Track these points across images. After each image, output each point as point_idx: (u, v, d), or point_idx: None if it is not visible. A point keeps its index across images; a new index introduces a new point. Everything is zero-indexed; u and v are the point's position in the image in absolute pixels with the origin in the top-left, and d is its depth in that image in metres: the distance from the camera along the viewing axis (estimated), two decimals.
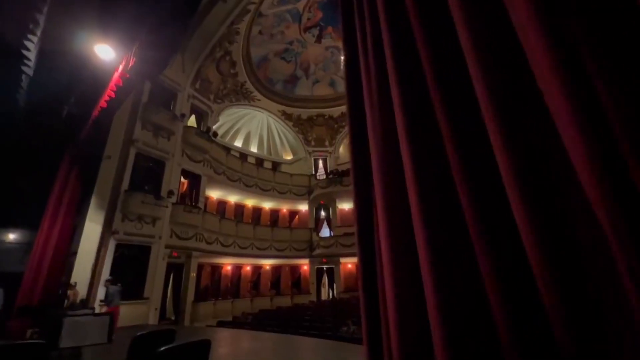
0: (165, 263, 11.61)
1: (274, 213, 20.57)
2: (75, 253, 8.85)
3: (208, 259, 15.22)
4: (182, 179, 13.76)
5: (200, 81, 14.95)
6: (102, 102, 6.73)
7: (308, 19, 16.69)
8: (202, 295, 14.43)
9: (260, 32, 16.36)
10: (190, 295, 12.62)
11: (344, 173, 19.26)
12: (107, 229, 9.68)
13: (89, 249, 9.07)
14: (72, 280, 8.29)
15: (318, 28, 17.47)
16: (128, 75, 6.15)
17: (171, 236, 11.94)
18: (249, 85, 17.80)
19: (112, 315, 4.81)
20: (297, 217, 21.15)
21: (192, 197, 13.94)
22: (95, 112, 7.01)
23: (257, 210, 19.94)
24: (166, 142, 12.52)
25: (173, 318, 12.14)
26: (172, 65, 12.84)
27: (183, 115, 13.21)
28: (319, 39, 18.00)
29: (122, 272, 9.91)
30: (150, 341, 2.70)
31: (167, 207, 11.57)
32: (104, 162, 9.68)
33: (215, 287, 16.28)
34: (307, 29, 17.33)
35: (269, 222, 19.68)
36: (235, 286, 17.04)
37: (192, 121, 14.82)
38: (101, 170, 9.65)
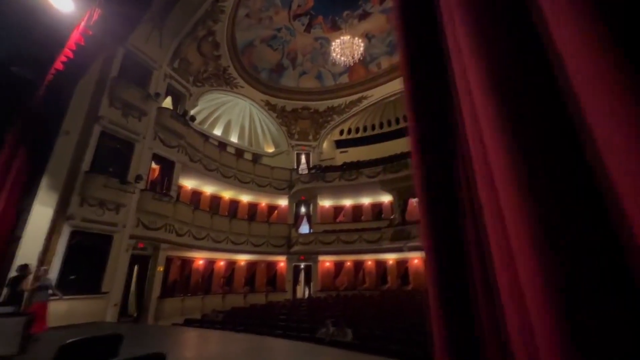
0: (129, 255, 10.56)
1: (252, 207, 19.70)
2: (19, 238, 7.70)
3: (178, 252, 14.19)
4: (154, 165, 12.67)
5: (179, 61, 13.86)
6: (58, 64, 5.75)
7: (299, 6, 16.00)
8: (169, 290, 13.40)
9: (247, 15, 15.48)
10: (156, 290, 11.62)
11: (327, 169, 18.77)
12: (61, 214, 8.55)
13: (36, 234, 7.93)
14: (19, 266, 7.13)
15: (308, 17, 16.83)
16: (91, 33, 5.25)
17: (137, 225, 10.88)
18: (232, 70, 16.84)
19: (31, 317, 3.68)
20: (276, 212, 20.39)
21: (163, 184, 12.88)
22: (50, 76, 6.01)
23: (235, 203, 19.00)
24: (137, 123, 11.41)
25: (135, 315, 11.10)
26: (148, 39, 11.78)
27: (158, 95, 12.13)
28: (308, 28, 17.35)
29: (77, 262, 8.84)
30: (84, 352, 2.00)
31: (133, 193, 10.51)
32: (61, 137, 8.53)
33: (185, 282, 15.24)
34: (296, 17, 16.63)
35: (246, 216, 18.80)
36: (206, 282, 16.06)
37: (167, 103, 13.70)
38: (57, 146, 8.50)
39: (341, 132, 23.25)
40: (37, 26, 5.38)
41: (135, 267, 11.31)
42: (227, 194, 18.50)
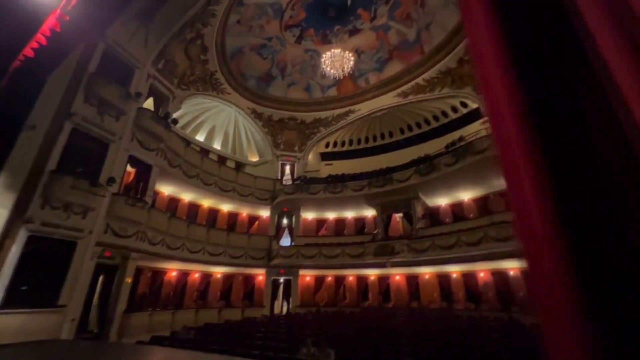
0: (94, 263, 9.67)
1: (233, 216, 18.98)
2: None
3: (149, 262, 13.26)
4: (129, 168, 11.92)
5: (165, 62, 13.39)
6: (28, 50, 5.23)
7: (290, 17, 16.05)
8: (137, 304, 12.39)
9: (238, 22, 15.32)
10: (122, 303, 10.67)
11: (312, 180, 18.50)
12: (18, 216, 7.70)
13: None
14: None
15: (300, 29, 16.91)
16: (68, 18, 4.82)
17: (106, 232, 10.05)
18: (219, 75, 16.49)
19: None
20: (257, 222, 19.75)
21: (138, 189, 12.11)
22: (17, 62, 5.45)
23: (214, 212, 18.23)
24: (113, 122, 10.74)
25: (96, 331, 10.09)
26: (132, 37, 11.30)
27: (139, 95, 11.54)
28: (299, 39, 17.41)
29: (32, 271, 7.94)
30: None
31: (104, 196, 9.74)
32: (26, 132, 7.79)
33: (155, 295, 14.20)
34: (288, 27, 16.67)
35: (225, 226, 18.05)
36: (179, 295, 15.06)
37: (149, 104, 13.10)
38: (20, 141, 7.74)
39: (327, 145, 23.18)
40: (8, 6, 4.88)
41: (100, 278, 10.38)
42: (206, 202, 17.75)
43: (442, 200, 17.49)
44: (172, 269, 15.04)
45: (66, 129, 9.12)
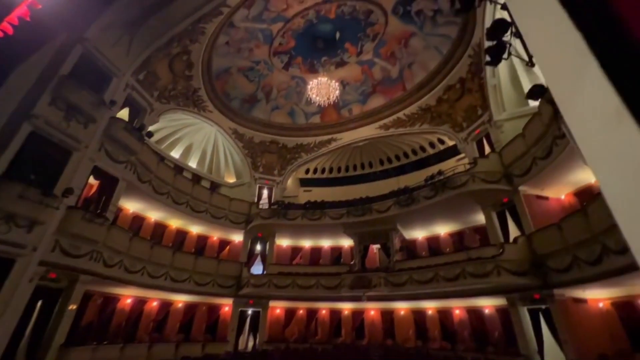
0: (33, 286, 8.36)
1: (202, 240, 17.77)
2: None
3: (101, 286, 11.79)
4: (92, 179, 10.92)
5: (147, 73, 12.92)
6: None
7: (280, 44, 16.37)
8: (80, 336, 10.73)
9: (227, 43, 15.36)
10: (62, 335, 9.19)
11: (290, 206, 17.96)
12: None
13: None
14: None
15: (288, 56, 17.23)
16: (40, 6, 4.37)
17: (53, 250, 8.85)
18: (202, 93, 16.15)
19: None
20: (228, 247, 18.61)
21: (99, 203, 11.02)
22: None
23: (182, 234, 16.98)
24: (81, 129, 9.91)
25: None
26: (115, 45, 10.85)
27: (113, 103, 10.87)
28: (287, 66, 17.69)
29: None
30: None
31: (57, 209, 8.68)
32: None
33: (104, 325, 12.51)
34: (276, 54, 16.94)
35: (193, 249, 16.78)
36: (131, 326, 13.38)
37: (123, 114, 12.37)
38: None
39: (307, 171, 23.01)
40: None
41: (39, 304, 8.95)
42: (175, 223, 16.55)
43: (419, 234, 17.49)
44: (127, 296, 13.47)
45: (23, 131, 8.23)
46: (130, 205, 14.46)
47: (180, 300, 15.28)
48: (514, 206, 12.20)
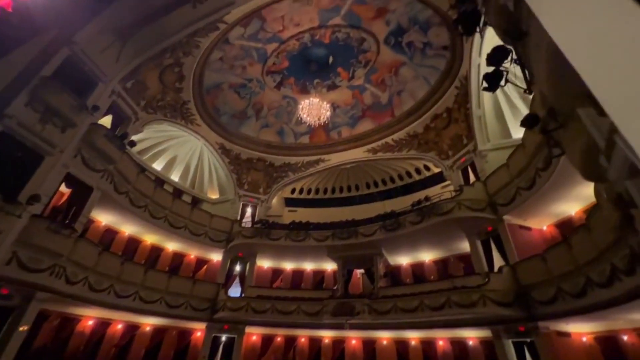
0: None
1: (178, 257, 16.80)
2: None
3: (61, 306, 10.72)
4: (64, 187, 10.20)
5: (135, 82, 12.62)
6: None
7: (273, 64, 16.58)
8: None
9: (221, 59, 15.39)
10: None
11: (274, 225, 17.44)
12: None
13: None
14: None
15: (281, 76, 17.44)
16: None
17: (9, 262, 7.98)
18: (191, 106, 15.90)
19: None
20: (205, 267, 17.66)
21: (69, 213, 10.23)
22: None
23: (157, 250, 16.01)
24: (57, 133, 9.35)
25: None
26: (104, 50, 10.58)
27: (96, 109, 10.40)
28: (279, 85, 17.85)
29: None
30: None
31: (19, 217, 7.93)
32: None
33: (58, 350, 11.26)
34: (269, 73, 17.11)
35: (167, 268, 15.78)
36: (90, 352, 12.13)
37: (106, 121, 11.87)
38: None
39: (293, 191, 22.70)
40: None
41: None
42: (150, 238, 15.63)
43: (403, 259, 17.27)
44: (89, 317, 12.32)
45: None
46: (103, 218, 13.58)
47: (149, 323, 14.12)
48: (498, 235, 12.29)
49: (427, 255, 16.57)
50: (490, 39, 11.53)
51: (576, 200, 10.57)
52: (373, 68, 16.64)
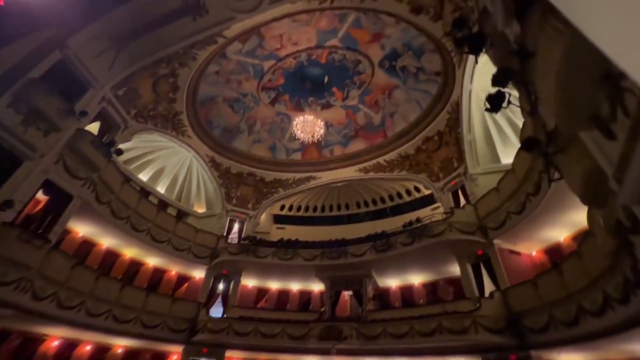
0: None
1: (158, 273, 15.95)
2: None
3: (24, 324, 9.81)
4: (41, 194, 9.62)
5: (128, 89, 12.38)
6: None
7: (269, 80, 16.70)
8: None
9: (217, 72, 15.40)
10: None
11: (262, 242, 16.93)
12: None
13: None
14: None
15: (276, 92, 17.54)
16: None
17: None
18: (184, 117, 15.67)
19: None
20: (186, 284, 16.80)
21: (43, 222, 9.60)
22: None
23: (136, 265, 15.16)
24: (40, 137, 8.92)
25: None
26: (98, 56, 10.40)
27: (84, 114, 10.06)
28: (273, 101, 17.92)
29: None
30: None
31: None
32: None
33: None
34: (265, 89, 17.19)
35: (146, 284, 14.90)
36: None
37: (93, 128, 11.48)
38: None
39: (282, 207, 22.33)
40: None
41: None
42: (129, 252, 14.83)
43: (392, 282, 16.93)
44: (55, 337, 11.33)
45: None
46: (81, 228, 12.84)
47: (121, 345, 13.10)
48: (488, 259, 12.23)
49: (417, 278, 16.31)
50: (482, 67, 12.00)
51: (564, 226, 10.70)
52: (367, 89, 16.98)
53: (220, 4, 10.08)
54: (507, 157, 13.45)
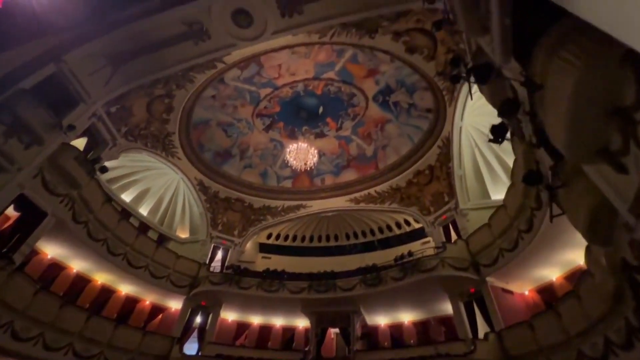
0: None
1: (131, 302, 14.71)
2: None
3: None
4: (11, 210, 8.94)
5: (120, 107, 12.19)
6: None
7: (265, 107, 16.89)
8: None
9: (213, 96, 15.49)
10: None
11: (246, 272, 16.07)
12: None
13: None
14: None
15: (271, 119, 17.68)
16: None
17: None
18: (175, 138, 15.43)
19: None
20: (161, 316, 15.53)
21: (9, 241, 8.81)
22: None
23: (107, 293, 13.97)
24: (20, 149, 8.46)
25: None
26: (94, 72, 10.27)
27: (71, 128, 9.69)
28: (267, 128, 17.99)
29: None
30: None
31: None
32: None
33: None
34: (260, 115, 17.32)
35: (116, 315, 13.64)
36: None
37: (79, 143, 11.07)
38: None
39: (269, 236, 21.62)
40: None
41: None
42: (101, 278, 13.73)
43: (381, 319, 16.12)
44: None
45: None
46: (51, 249, 11.88)
47: None
48: (481, 297, 11.86)
49: (407, 316, 15.61)
50: (471, 105, 12.51)
51: (556, 265, 10.62)
52: (360, 121, 17.35)
53: (223, 31, 10.32)
54: (497, 194, 13.63)
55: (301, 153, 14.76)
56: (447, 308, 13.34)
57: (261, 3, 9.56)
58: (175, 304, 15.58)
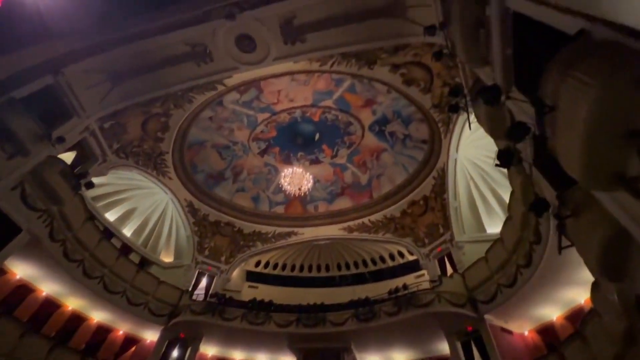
0: None
1: (102, 332, 13.48)
2: None
3: None
4: None
5: (115, 123, 11.99)
6: None
7: (262, 132, 16.92)
8: None
9: (210, 118, 15.48)
10: None
11: (230, 302, 15.10)
12: None
13: None
14: None
15: (267, 144, 17.65)
16: None
17: None
18: (168, 158, 15.14)
19: None
20: (134, 348, 14.24)
21: None
22: None
23: (77, 320, 12.82)
24: (2, 159, 8.05)
25: None
26: (91, 87, 10.17)
27: (60, 141, 9.34)
28: (263, 152, 17.91)
29: None
30: None
31: None
32: None
33: None
34: (256, 139, 17.30)
35: (83, 346, 12.42)
36: None
37: (67, 157, 10.68)
38: None
39: (257, 264, 20.76)
40: None
41: None
42: (72, 303, 12.66)
43: (374, 359, 15.07)
44: None
45: None
46: (21, 269, 10.98)
47: None
48: (479, 337, 11.24)
49: (401, 356, 14.63)
50: (466, 137, 12.72)
51: (557, 304, 10.23)
52: (356, 150, 17.45)
53: (226, 54, 10.49)
54: (492, 227, 13.48)
55: (296, 177, 14.57)
56: (444, 348, 12.59)
57: (266, 30, 9.82)
58: (151, 335, 14.37)
